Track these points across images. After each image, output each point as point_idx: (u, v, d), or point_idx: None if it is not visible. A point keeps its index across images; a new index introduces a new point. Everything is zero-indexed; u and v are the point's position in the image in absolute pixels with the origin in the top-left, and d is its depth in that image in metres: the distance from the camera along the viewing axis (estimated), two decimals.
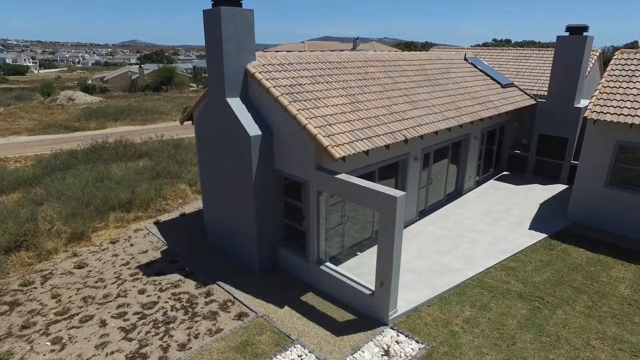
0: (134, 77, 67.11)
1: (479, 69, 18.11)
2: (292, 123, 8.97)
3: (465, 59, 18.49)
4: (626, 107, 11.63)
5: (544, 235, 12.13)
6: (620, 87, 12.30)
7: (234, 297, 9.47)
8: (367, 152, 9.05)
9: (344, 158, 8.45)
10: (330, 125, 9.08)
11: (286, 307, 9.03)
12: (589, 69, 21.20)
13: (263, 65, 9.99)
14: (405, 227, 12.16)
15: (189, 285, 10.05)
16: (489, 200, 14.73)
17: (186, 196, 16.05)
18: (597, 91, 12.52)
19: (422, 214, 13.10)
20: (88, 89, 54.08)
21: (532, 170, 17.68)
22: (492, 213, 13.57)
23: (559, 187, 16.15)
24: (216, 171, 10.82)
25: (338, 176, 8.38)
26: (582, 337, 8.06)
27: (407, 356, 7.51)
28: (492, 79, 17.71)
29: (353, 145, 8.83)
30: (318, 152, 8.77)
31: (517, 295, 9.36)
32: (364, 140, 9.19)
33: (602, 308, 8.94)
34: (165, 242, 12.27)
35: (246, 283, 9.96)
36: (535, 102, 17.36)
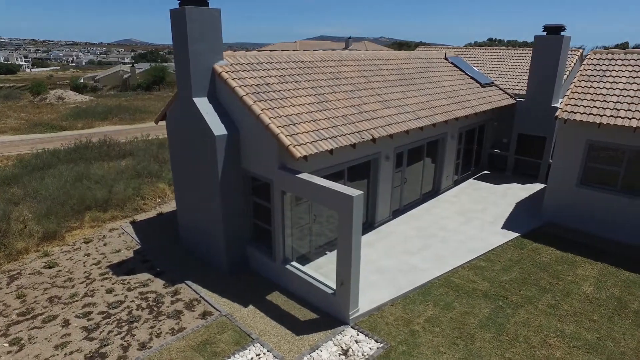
0: (125, 76, 66.84)
1: (459, 68, 18.17)
2: (257, 123, 8.99)
3: (446, 58, 18.54)
4: (595, 107, 11.70)
5: (516, 235, 12.20)
6: (591, 87, 12.37)
7: (201, 297, 9.48)
8: (331, 152, 9.07)
9: (305, 157, 8.47)
10: (294, 124, 9.09)
11: (251, 306, 9.05)
12: (570, 68, 21.33)
13: (231, 64, 9.99)
14: (377, 227, 12.24)
15: (158, 284, 10.06)
16: (465, 199, 14.79)
17: (165, 196, 16.03)
18: (569, 91, 12.60)
19: (396, 213, 13.14)
20: (78, 88, 53.82)
21: (512, 170, 17.76)
22: (468, 212, 13.63)
23: (537, 187, 16.23)
24: (186, 171, 10.83)
25: (299, 175, 8.40)
26: (540, 335, 8.12)
27: (365, 355, 7.55)
28: (472, 78, 17.78)
29: (316, 144, 8.85)
30: (281, 151, 8.78)
31: (482, 294, 9.42)
32: (329, 139, 9.21)
33: (564, 306, 9.01)
34: (138, 241, 12.26)
35: (214, 282, 9.98)
36: (515, 101, 17.44)
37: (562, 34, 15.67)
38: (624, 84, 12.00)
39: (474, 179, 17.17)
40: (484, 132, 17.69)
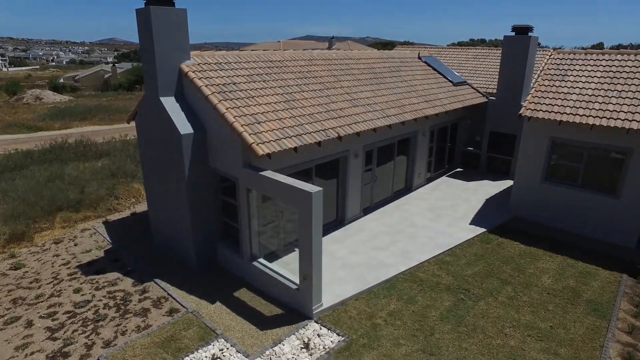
0: (106, 76, 66.05)
1: (432, 67, 18.48)
2: (222, 121, 9.09)
3: (420, 58, 18.84)
4: (557, 105, 12.06)
5: (483, 230, 12.50)
6: (553, 85, 12.75)
7: (169, 294, 9.55)
8: (295, 149, 9.22)
9: (269, 155, 8.60)
10: (259, 123, 9.22)
11: (218, 303, 9.15)
12: (541, 68, 21.81)
13: (198, 64, 10.07)
14: (347, 223, 12.44)
15: (127, 283, 10.09)
16: (437, 196, 15.08)
17: (140, 195, 15.99)
18: (534, 89, 12.95)
19: (367, 210, 13.35)
20: (57, 88, 53.02)
21: (484, 167, 18.14)
22: (438, 209, 13.91)
23: (508, 183, 16.60)
24: (155, 170, 10.87)
25: (262, 173, 8.54)
26: (497, 326, 8.39)
27: (326, 348, 7.72)
28: (445, 77, 18.09)
29: (280, 142, 8.99)
30: (246, 149, 8.90)
31: (445, 288, 9.66)
32: (293, 137, 9.36)
33: (522, 298, 9.31)
34: (110, 241, 12.24)
35: (183, 280, 10.04)
36: (486, 100, 17.81)
37: (530, 34, 16.08)
38: (583, 83, 12.40)
39: (447, 176, 17.49)
40: (457, 130, 18.03)
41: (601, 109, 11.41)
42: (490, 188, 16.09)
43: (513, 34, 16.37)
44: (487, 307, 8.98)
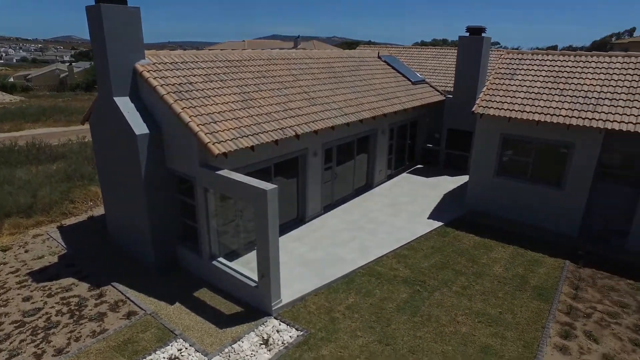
0: (62, 75, 63.47)
1: (391, 66, 18.89)
2: (178, 121, 9.02)
3: (379, 57, 19.22)
4: (506, 103, 12.64)
5: (440, 224, 12.93)
6: (503, 84, 13.33)
7: (126, 297, 9.39)
8: (252, 148, 9.27)
9: (225, 154, 8.62)
10: (215, 122, 9.22)
11: (177, 304, 9.09)
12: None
13: (154, 64, 9.94)
14: (308, 221, 12.58)
15: (82, 288, 9.84)
16: (397, 192, 15.45)
17: (97, 198, 15.55)
18: (485, 87, 13.50)
19: (328, 208, 13.53)
20: (7, 88, 50.48)
21: (444, 163, 18.72)
22: (398, 205, 14.26)
23: (465, 178, 17.14)
24: (111, 171, 10.66)
25: (218, 172, 8.55)
26: (450, 314, 8.75)
27: (285, 343, 7.83)
28: (404, 76, 18.54)
29: (236, 141, 9.03)
30: (202, 149, 8.88)
31: (402, 280, 9.97)
32: (250, 136, 9.41)
33: (475, 287, 9.73)
34: (65, 246, 11.87)
35: (142, 283, 9.89)
36: (444, 98, 18.38)
37: (483, 35, 16.73)
38: (530, 81, 13.04)
39: (407, 172, 17.94)
40: (417, 128, 18.51)
41: (545, 106, 12.05)
42: (448, 183, 16.63)
43: (468, 34, 16.98)
44: (441, 297, 9.34)
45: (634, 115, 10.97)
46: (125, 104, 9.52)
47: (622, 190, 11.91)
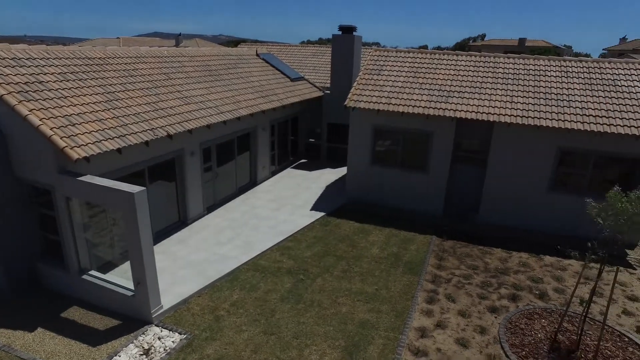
0: None
1: (270, 64, 19.13)
2: (27, 125, 8.10)
3: (258, 55, 19.33)
4: (375, 96, 13.66)
5: (322, 214, 13.53)
6: (372, 79, 14.38)
7: None
8: (119, 151, 8.73)
9: (87, 158, 7.99)
10: (74, 125, 8.48)
11: (39, 329, 8.18)
12: None
13: None
14: (191, 223, 12.25)
15: None
16: (280, 187, 15.76)
17: None
18: (356, 82, 14.42)
19: (211, 208, 13.30)
20: None
21: (325, 157, 19.54)
22: (281, 199, 14.56)
23: (346, 169, 18.13)
24: None
25: (80, 178, 7.90)
26: (332, 297, 9.26)
27: (167, 350, 7.57)
28: (282, 73, 18.91)
29: (100, 144, 8.43)
30: (60, 154, 8.10)
31: (286, 271, 10.25)
32: (115, 138, 8.85)
33: (354, 269, 10.41)
34: None
35: None
36: (322, 94, 19.16)
37: (354, 33, 17.80)
38: (395, 76, 14.27)
39: (291, 167, 18.38)
40: (298, 123, 19.03)
41: (408, 99, 13.29)
42: (330, 175, 17.43)
43: (340, 33, 17.91)
44: (323, 283, 9.82)
45: (475, 105, 12.66)
46: None
47: (472, 172, 13.68)
